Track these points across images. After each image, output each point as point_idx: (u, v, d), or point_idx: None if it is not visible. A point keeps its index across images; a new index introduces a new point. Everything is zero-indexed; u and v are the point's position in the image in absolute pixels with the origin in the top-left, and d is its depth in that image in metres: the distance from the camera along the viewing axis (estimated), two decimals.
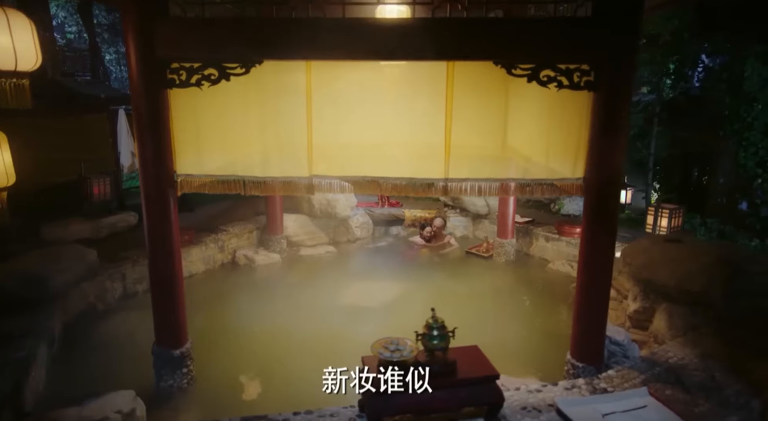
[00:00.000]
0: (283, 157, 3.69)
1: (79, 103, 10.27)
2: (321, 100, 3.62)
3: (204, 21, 3.40)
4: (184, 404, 3.71)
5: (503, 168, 3.68)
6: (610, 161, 3.48)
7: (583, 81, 3.35)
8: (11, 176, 4.04)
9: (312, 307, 5.52)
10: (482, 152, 3.69)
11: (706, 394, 3.18)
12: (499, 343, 4.73)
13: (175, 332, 3.79)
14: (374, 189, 3.74)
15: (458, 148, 3.64)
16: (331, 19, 3.35)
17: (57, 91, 10.42)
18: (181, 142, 3.63)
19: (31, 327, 4.10)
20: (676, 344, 3.85)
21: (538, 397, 3.16)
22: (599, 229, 3.60)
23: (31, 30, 3.01)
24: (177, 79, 3.43)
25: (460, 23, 3.32)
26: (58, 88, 10.96)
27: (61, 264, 4.86)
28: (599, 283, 3.69)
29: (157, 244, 3.70)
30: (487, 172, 3.67)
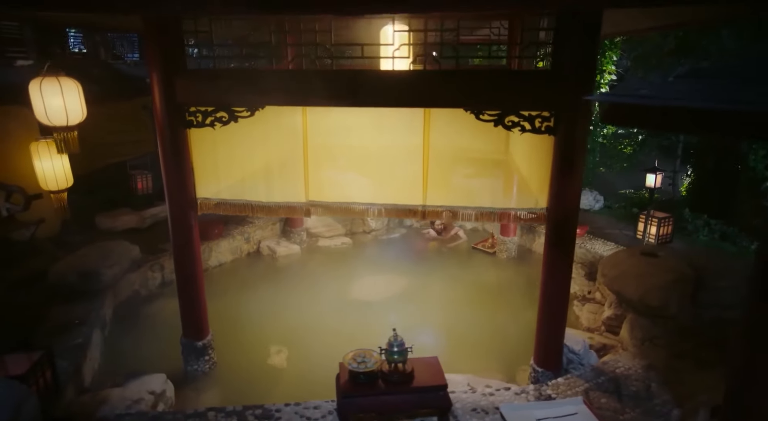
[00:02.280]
0: (283, 185, 4.31)
1: (129, 86, 10.95)
2: (315, 138, 4.19)
3: (214, 73, 3.99)
4: (205, 385, 4.54)
5: (475, 197, 4.16)
6: (568, 195, 3.90)
7: (543, 126, 3.74)
8: (69, 179, 4.92)
9: (324, 299, 6.23)
10: (456, 183, 4.17)
11: (636, 403, 3.68)
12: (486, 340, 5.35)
13: (198, 327, 4.59)
14: (363, 214, 4.32)
15: (435, 180, 4.15)
16: (322, 71, 3.86)
17: (109, 75, 11.18)
18: (200, 171, 4.31)
19: (88, 315, 5.01)
20: (627, 355, 4.33)
21: (489, 400, 3.76)
22: (559, 252, 4.06)
23: (78, 91, 3.71)
24: (194, 120, 4.06)
25: (433, 76, 3.76)
26: (111, 72, 11.75)
27: (111, 259, 5.75)
28: (558, 298, 4.16)
29: (182, 256, 4.45)
30: (461, 201, 4.16)
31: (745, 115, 1.98)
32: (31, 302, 5.27)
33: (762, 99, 2.00)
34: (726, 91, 2.14)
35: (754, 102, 1.98)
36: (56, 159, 4.90)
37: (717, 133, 2.32)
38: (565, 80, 3.60)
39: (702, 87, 2.30)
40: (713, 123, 2.13)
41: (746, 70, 2.32)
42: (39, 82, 3.60)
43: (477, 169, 4.15)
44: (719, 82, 2.28)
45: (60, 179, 5.12)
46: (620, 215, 8.36)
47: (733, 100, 2.05)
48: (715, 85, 2.27)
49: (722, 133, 2.26)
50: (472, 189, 4.18)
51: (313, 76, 3.84)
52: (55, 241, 6.76)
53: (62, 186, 5.20)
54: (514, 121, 3.74)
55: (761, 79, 2.21)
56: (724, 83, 2.23)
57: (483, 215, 4.16)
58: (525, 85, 3.71)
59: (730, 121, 2.05)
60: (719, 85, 2.24)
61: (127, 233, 7.39)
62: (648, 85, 2.60)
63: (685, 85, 2.39)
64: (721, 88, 2.20)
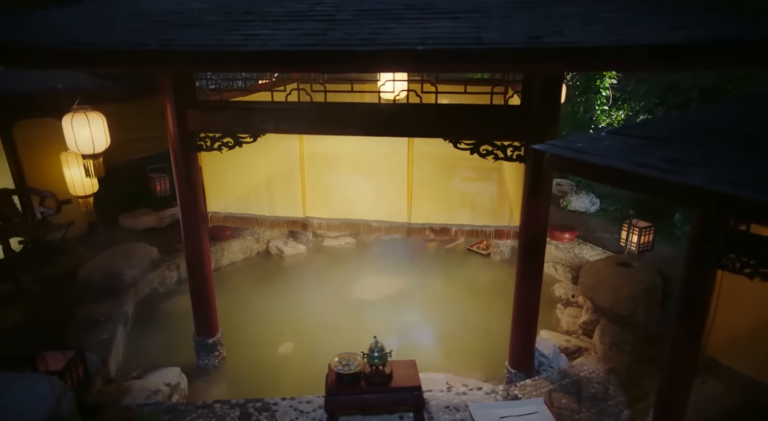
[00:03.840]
0: (284, 201, 4.80)
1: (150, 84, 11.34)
2: (311, 160, 4.65)
3: (221, 105, 4.46)
4: (215, 378, 5.11)
5: (455, 215, 4.58)
6: (537, 215, 4.30)
7: (515, 155, 4.13)
8: (95, 185, 5.47)
9: (327, 297, 6.75)
10: (437, 202, 4.60)
11: (593, 404, 4.12)
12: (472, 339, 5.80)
13: (208, 326, 5.15)
14: (354, 228, 4.79)
15: (418, 200, 4.59)
16: (315, 103, 4.30)
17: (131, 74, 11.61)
18: (209, 188, 4.82)
19: (113, 312, 5.62)
20: (593, 359, 4.75)
21: (462, 398, 4.23)
22: (529, 265, 4.48)
23: (103, 123, 4.23)
24: (204, 145, 4.55)
25: (415, 109, 4.17)
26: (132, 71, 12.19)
27: (133, 261, 6.35)
28: (529, 306, 4.58)
29: (194, 264, 4.98)
30: (443, 219, 4.60)
31: (647, 177, 2.38)
32: (64, 298, 5.91)
33: (663, 164, 2.40)
34: (635, 153, 2.54)
35: (651, 166, 2.38)
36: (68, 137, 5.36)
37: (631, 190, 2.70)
38: (533, 115, 3.98)
39: (622, 146, 2.69)
40: (623, 180, 2.53)
41: (659, 131, 2.71)
42: (70, 117, 4.14)
43: (456, 191, 4.57)
44: (635, 142, 2.66)
45: (87, 186, 5.69)
46: (615, 217, 8.66)
47: (638, 163, 2.45)
48: (631, 145, 2.66)
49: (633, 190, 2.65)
50: (452, 209, 4.60)
51: (308, 108, 4.28)
52: (83, 240, 7.42)
53: (89, 192, 5.78)
54: (488, 149, 4.14)
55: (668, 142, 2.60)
56: (636, 144, 2.62)
57: (461, 231, 4.59)
58: (498, 118, 4.09)
59: (636, 181, 2.45)
60: (633, 146, 2.63)
61: (146, 232, 8.03)
62: (583, 139, 2.96)
63: (611, 141, 2.79)
64: (633, 149, 2.59)
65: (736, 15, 2.91)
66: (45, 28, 3.40)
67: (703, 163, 2.32)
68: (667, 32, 2.75)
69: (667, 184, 2.29)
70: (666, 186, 2.32)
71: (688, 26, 2.79)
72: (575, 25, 2.99)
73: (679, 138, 2.62)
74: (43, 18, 3.54)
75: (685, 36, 2.69)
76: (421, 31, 3.06)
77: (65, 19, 3.53)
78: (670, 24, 2.84)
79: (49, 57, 3.21)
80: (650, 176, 2.36)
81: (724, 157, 2.32)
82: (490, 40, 2.90)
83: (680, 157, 2.43)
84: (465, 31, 3.02)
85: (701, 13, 2.92)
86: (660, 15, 2.99)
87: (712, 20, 2.82)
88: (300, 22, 3.32)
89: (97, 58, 3.21)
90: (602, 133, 2.93)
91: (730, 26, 2.74)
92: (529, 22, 3.08)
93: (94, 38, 3.25)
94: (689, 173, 2.27)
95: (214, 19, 3.45)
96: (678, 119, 2.84)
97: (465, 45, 2.87)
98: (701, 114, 2.83)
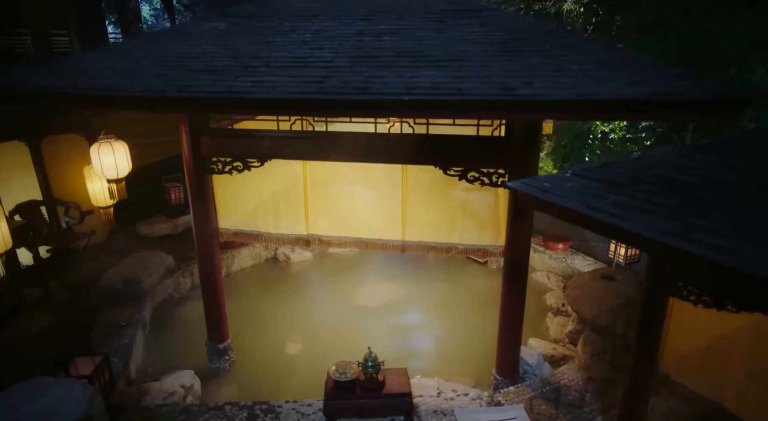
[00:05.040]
0: (288, 220, 5.21)
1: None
2: (313, 182, 5.06)
3: (231, 133, 4.88)
4: (226, 380, 5.56)
5: (446, 234, 4.96)
6: (520, 236, 4.66)
7: (499, 181, 4.49)
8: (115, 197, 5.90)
9: (331, 302, 7.17)
10: (429, 223, 4.97)
11: (569, 410, 4.49)
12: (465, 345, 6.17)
13: (220, 332, 5.59)
14: (353, 246, 5.19)
15: (411, 220, 4.97)
16: (317, 132, 4.70)
17: None
18: (221, 207, 5.25)
19: (132, 318, 6.09)
20: (573, 367, 5.11)
21: (450, 403, 4.63)
22: (513, 281, 4.84)
23: (125, 151, 4.68)
24: (216, 168, 4.97)
25: (408, 139, 4.54)
26: None
27: (150, 269, 6.82)
28: (513, 318, 4.95)
29: (207, 276, 5.42)
30: (434, 238, 4.98)
31: (597, 221, 2.74)
32: (87, 304, 6.40)
33: (612, 208, 2.75)
34: (591, 196, 2.89)
35: (602, 210, 2.74)
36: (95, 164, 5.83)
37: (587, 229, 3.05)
38: (515, 146, 4.33)
39: (581, 188, 3.05)
40: (580, 221, 2.89)
41: (615, 175, 3.06)
42: (98, 146, 4.59)
43: (447, 212, 4.93)
44: (593, 185, 3.02)
45: (107, 197, 6.14)
46: None
47: (592, 206, 2.81)
48: (589, 188, 3.01)
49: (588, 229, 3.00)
50: (443, 228, 4.97)
51: (310, 137, 4.68)
52: (104, 247, 7.92)
53: (109, 203, 6.26)
54: (475, 176, 4.51)
55: (621, 186, 2.95)
56: (593, 187, 2.97)
57: (452, 249, 4.97)
58: (484, 148, 4.45)
59: (590, 223, 2.81)
60: (591, 189, 2.99)
61: (162, 238, 8.52)
62: (550, 179, 3.31)
63: (574, 183, 3.15)
64: (590, 192, 2.95)
65: (686, 71, 3.23)
66: (78, 73, 3.83)
67: (645, 210, 2.68)
68: (625, 88, 3.10)
69: (613, 228, 2.67)
70: (613, 230, 2.69)
71: (643, 82, 3.13)
72: (546, 77, 3.34)
73: (631, 183, 2.97)
74: (76, 63, 3.97)
75: (640, 92, 3.04)
76: (408, 81, 3.44)
77: (94, 64, 3.97)
78: (628, 79, 3.18)
79: (82, 102, 3.65)
80: (600, 220, 2.73)
81: (664, 206, 2.67)
82: (468, 91, 3.28)
83: (628, 202, 2.79)
84: (447, 81, 3.39)
85: (656, 69, 3.26)
86: (621, 68, 3.33)
87: (665, 76, 3.16)
88: (302, 69, 3.71)
89: (122, 103, 3.64)
90: (567, 173, 3.29)
91: (679, 83, 3.07)
92: (506, 72, 3.44)
93: (118, 85, 3.68)
94: (632, 220, 2.63)
95: (225, 64, 3.85)
96: (632, 164, 3.18)
97: (445, 96, 3.25)
98: (654, 159, 3.16)
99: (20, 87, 3.64)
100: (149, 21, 26.41)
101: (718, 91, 2.92)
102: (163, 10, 21.39)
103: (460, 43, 3.89)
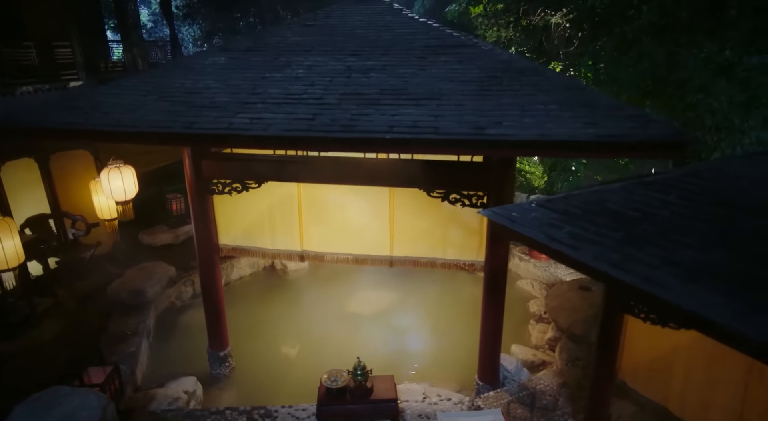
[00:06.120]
0: (283, 236, 5.60)
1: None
2: (307, 202, 5.45)
3: (230, 157, 5.25)
4: (227, 385, 5.94)
5: (430, 250, 5.35)
6: (498, 252, 5.04)
7: (479, 202, 4.87)
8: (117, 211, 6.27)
9: (325, 309, 7.55)
10: (415, 240, 5.36)
11: (543, 413, 4.88)
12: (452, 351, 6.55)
13: (220, 341, 5.97)
14: (345, 261, 5.57)
15: (399, 236, 5.36)
16: (309, 157, 5.07)
17: None
18: (221, 224, 5.63)
19: (138, 326, 6.47)
20: (549, 373, 5.50)
21: (434, 407, 5.01)
22: (493, 293, 5.21)
23: (133, 175, 5.05)
24: (216, 189, 5.35)
25: (393, 164, 4.92)
26: None
27: (153, 279, 7.20)
28: (493, 328, 5.32)
29: (208, 288, 5.80)
30: (420, 253, 5.37)
31: (554, 250, 3.13)
32: (96, 313, 6.77)
33: (567, 239, 3.14)
34: (551, 226, 3.28)
35: (559, 240, 3.12)
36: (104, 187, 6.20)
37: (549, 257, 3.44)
38: (493, 171, 4.71)
39: (543, 218, 3.43)
40: (541, 249, 3.28)
41: (573, 206, 3.44)
42: (107, 172, 4.97)
43: (431, 229, 5.32)
44: (553, 216, 3.40)
45: (112, 210, 6.52)
46: None
47: (550, 236, 3.19)
48: (550, 218, 3.40)
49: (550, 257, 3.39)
50: (429, 244, 5.36)
51: (303, 161, 5.05)
52: (109, 257, 8.29)
53: (114, 216, 6.62)
54: (456, 198, 4.89)
55: (577, 218, 3.33)
56: (554, 218, 3.36)
57: (435, 263, 5.36)
58: (464, 173, 4.83)
59: (549, 251, 3.19)
60: (552, 219, 3.37)
61: (164, 247, 8.89)
62: (518, 209, 3.69)
63: (537, 213, 3.53)
64: (550, 222, 3.33)
65: (636, 114, 3.61)
66: (90, 109, 4.21)
67: (594, 242, 3.07)
68: (580, 129, 3.48)
69: (567, 257, 3.06)
70: (567, 258, 3.08)
71: (597, 123, 3.52)
72: (513, 116, 3.73)
73: (585, 215, 3.36)
74: (89, 99, 4.34)
75: (594, 134, 3.43)
76: (390, 119, 3.82)
77: (105, 99, 4.34)
78: (585, 120, 3.57)
79: (96, 137, 4.03)
80: (556, 249, 3.12)
81: (610, 238, 3.05)
82: (443, 130, 3.67)
83: (581, 234, 3.18)
84: (425, 120, 3.78)
85: (610, 110, 3.64)
86: (579, 109, 3.71)
87: (617, 118, 3.55)
88: (295, 106, 4.09)
89: (132, 138, 4.02)
90: (532, 204, 3.67)
91: (629, 125, 3.46)
92: (478, 112, 3.83)
93: (128, 120, 4.06)
94: (582, 250, 3.02)
95: (226, 101, 4.23)
96: (588, 196, 3.56)
97: (423, 134, 3.64)
98: (606, 192, 3.55)
99: (40, 125, 4.02)
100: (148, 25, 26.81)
101: (662, 134, 3.31)
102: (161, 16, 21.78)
103: (439, 80, 4.27)
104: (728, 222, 2.89)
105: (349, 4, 5.77)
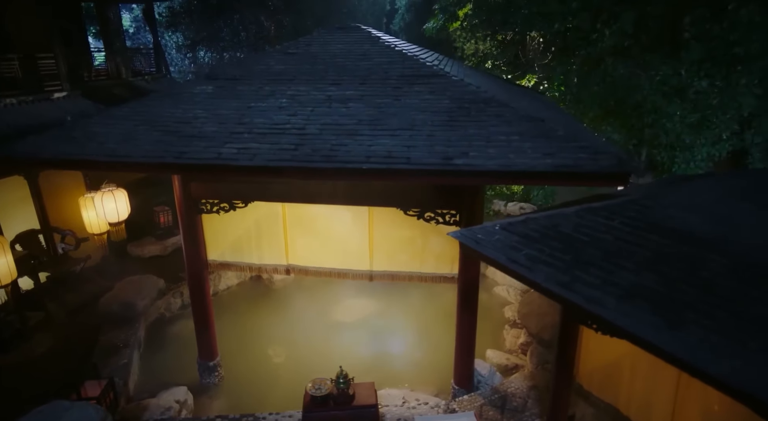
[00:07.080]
0: (270, 252, 5.90)
1: None
2: (291, 219, 5.76)
3: (217, 179, 5.55)
4: (217, 394, 6.22)
5: (407, 264, 5.70)
6: (470, 266, 5.42)
7: (452, 220, 5.25)
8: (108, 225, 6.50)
9: (311, 318, 7.87)
10: (393, 255, 5.71)
11: (512, 415, 5.27)
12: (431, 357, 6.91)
13: (209, 351, 6.26)
14: (327, 275, 5.90)
15: (378, 252, 5.70)
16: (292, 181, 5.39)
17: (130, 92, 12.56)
18: (209, 241, 5.92)
19: (129, 339, 6.72)
20: (519, 377, 5.90)
21: (412, 412, 5.37)
22: (466, 304, 5.59)
23: (125, 197, 5.31)
24: (205, 209, 5.64)
25: (372, 184, 5.25)
26: (131, 89, 13.13)
27: (143, 292, 7.45)
28: (467, 336, 5.70)
29: (197, 301, 6.08)
30: (398, 267, 5.72)
31: (513, 271, 3.50)
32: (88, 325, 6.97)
33: (525, 260, 3.51)
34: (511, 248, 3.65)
35: (517, 261, 3.50)
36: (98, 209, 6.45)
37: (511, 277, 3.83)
38: (465, 191, 5.09)
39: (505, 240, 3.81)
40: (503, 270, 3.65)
41: (531, 230, 3.82)
42: (101, 195, 5.23)
43: (408, 245, 5.68)
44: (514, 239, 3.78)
45: (101, 225, 6.75)
46: None
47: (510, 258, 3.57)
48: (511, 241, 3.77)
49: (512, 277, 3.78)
50: (406, 259, 5.71)
51: (287, 183, 5.37)
52: (98, 269, 8.49)
53: (103, 230, 6.85)
54: (431, 216, 5.26)
55: (534, 241, 3.71)
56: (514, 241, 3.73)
57: (413, 277, 5.72)
58: (437, 193, 5.19)
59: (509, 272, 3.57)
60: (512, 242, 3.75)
61: (152, 259, 9.11)
62: (482, 231, 4.06)
63: (500, 236, 3.91)
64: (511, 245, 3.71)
65: (588, 145, 4.00)
66: (86, 139, 4.47)
67: (548, 263, 3.45)
68: (539, 160, 3.87)
69: (523, 277, 3.44)
70: (523, 279, 3.46)
71: (554, 154, 3.91)
72: (479, 147, 4.10)
73: (541, 238, 3.74)
74: (84, 129, 4.61)
75: (550, 164, 3.82)
76: (367, 149, 4.17)
77: (100, 129, 4.61)
78: (543, 151, 3.96)
79: (92, 167, 4.30)
80: (514, 271, 3.50)
81: (561, 260, 3.44)
82: (415, 160, 4.02)
83: (537, 256, 3.55)
84: (398, 150, 4.13)
85: (566, 142, 4.03)
86: (538, 140, 4.10)
87: (571, 149, 3.94)
88: (278, 136, 4.41)
89: (127, 167, 4.30)
90: (496, 226, 4.05)
91: (580, 155, 3.86)
92: (447, 142, 4.19)
93: (123, 150, 4.34)
94: (536, 271, 3.40)
95: (214, 131, 4.53)
96: (545, 220, 3.94)
97: (396, 164, 3.99)
98: (560, 217, 3.94)
99: (37, 155, 4.28)
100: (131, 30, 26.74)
101: (608, 165, 3.71)
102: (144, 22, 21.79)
103: (413, 110, 4.63)
104: (657, 247, 3.29)
105: (330, 32, 6.10)
